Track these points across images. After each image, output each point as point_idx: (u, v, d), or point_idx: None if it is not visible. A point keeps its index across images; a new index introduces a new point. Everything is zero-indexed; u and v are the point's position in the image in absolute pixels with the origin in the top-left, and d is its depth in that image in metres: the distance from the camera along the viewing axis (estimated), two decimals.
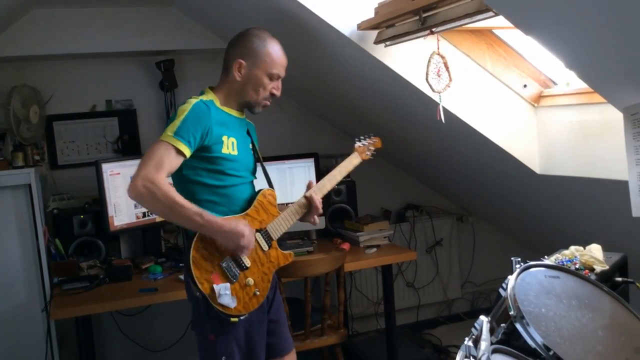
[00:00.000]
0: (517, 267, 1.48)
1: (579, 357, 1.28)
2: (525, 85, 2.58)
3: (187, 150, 1.91)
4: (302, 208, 2.19)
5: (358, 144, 2.43)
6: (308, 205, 2.19)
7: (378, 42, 2.34)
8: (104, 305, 2.60)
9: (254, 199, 2.09)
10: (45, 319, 2.81)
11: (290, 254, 2.17)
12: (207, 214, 1.89)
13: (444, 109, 2.36)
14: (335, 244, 3.22)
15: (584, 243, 1.88)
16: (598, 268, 1.75)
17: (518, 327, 1.29)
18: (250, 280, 2.00)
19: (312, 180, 2.27)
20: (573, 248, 1.87)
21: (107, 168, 2.95)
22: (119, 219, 3.00)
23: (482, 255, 4.12)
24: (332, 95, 3.35)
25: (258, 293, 2.03)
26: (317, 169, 3.36)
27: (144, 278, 2.84)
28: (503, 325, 1.35)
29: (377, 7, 2.28)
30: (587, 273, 1.68)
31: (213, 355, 1.99)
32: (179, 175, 2.00)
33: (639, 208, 1.85)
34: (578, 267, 1.75)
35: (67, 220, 2.98)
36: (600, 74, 1.84)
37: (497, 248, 4.06)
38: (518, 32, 1.89)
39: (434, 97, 2.33)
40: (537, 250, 3.43)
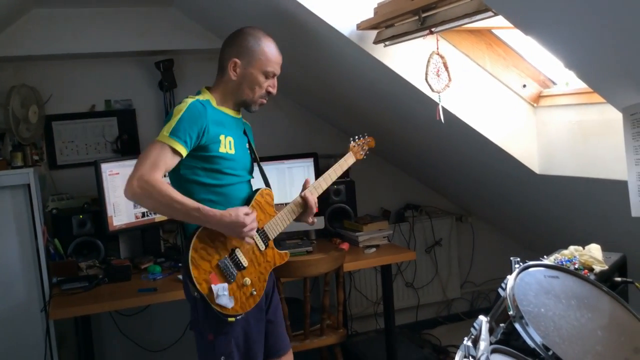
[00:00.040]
0: (516, 267, 1.48)
1: (578, 357, 1.28)
2: (525, 85, 2.58)
3: (183, 150, 1.91)
4: (298, 207, 2.20)
5: (352, 144, 2.45)
6: (304, 205, 2.19)
7: (377, 42, 2.34)
8: (103, 305, 2.60)
9: (252, 198, 2.10)
10: (44, 319, 2.81)
11: (286, 254, 2.18)
12: (205, 209, 1.89)
13: (444, 109, 2.37)
14: (335, 244, 3.22)
15: (583, 243, 1.88)
16: (597, 268, 1.75)
17: (517, 327, 1.29)
18: (248, 280, 2.01)
19: (309, 179, 2.28)
20: (572, 248, 1.87)
21: (106, 168, 2.95)
22: (118, 219, 3.00)
23: (481, 255, 4.12)
24: (331, 95, 3.35)
25: (255, 293, 2.03)
26: (316, 169, 3.35)
27: (143, 278, 2.85)
28: (502, 325, 1.35)
29: (376, 7, 2.28)
30: (586, 273, 1.68)
31: (212, 356, 1.99)
32: (177, 175, 2.00)
33: (638, 208, 1.85)
34: (577, 267, 1.75)
35: (66, 220, 2.98)
36: (600, 74, 1.84)
37: (496, 248, 4.06)
38: (517, 32, 1.88)
39: (434, 97, 2.33)
40: (536, 250, 3.44)
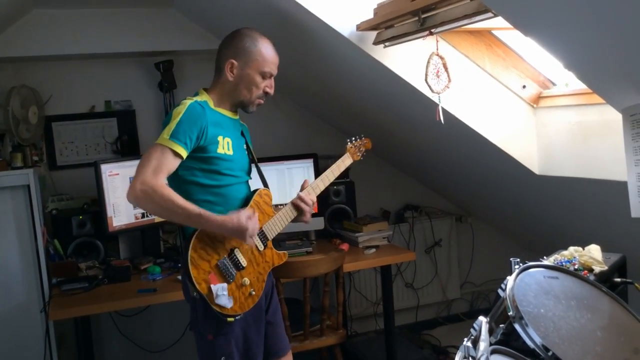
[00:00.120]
0: (516, 267, 1.48)
1: (578, 357, 1.28)
2: (524, 86, 2.58)
3: (183, 152, 1.91)
4: (295, 209, 2.20)
5: (349, 145, 2.46)
6: (297, 209, 2.19)
7: (377, 42, 2.34)
8: (103, 306, 2.60)
9: (250, 199, 2.10)
10: (44, 320, 2.81)
11: (285, 254, 2.18)
12: (207, 214, 1.90)
13: (443, 110, 2.37)
14: (334, 245, 3.22)
15: (583, 244, 1.88)
16: (597, 269, 1.74)
17: (517, 327, 1.29)
18: (247, 280, 2.01)
19: (307, 179, 2.29)
20: (572, 249, 1.87)
21: (106, 169, 2.95)
22: (118, 220, 3.00)
23: (481, 256, 4.12)
24: (331, 96, 3.35)
25: (254, 293, 2.03)
26: (316, 170, 3.35)
27: (143, 279, 2.85)
28: (502, 326, 1.35)
29: (376, 7, 2.28)
30: (586, 274, 1.67)
31: (212, 356, 1.99)
32: (175, 176, 1.99)
33: (638, 209, 1.85)
34: (577, 267, 1.74)
35: (66, 221, 2.98)
36: (599, 75, 1.84)
37: (496, 248, 4.06)
38: (517, 33, 1.89)
39: (433, 97, 2.33)
40: (536, 251, 3.44)
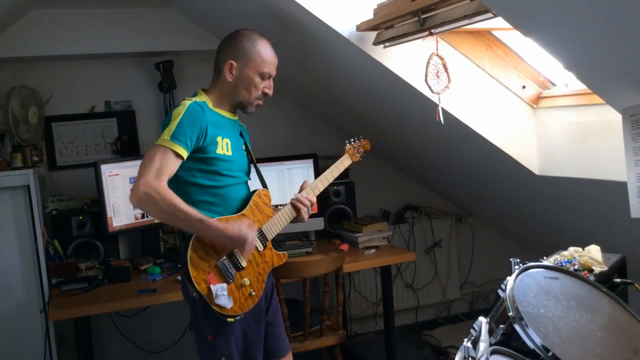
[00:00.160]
0: (516, 268, 1.48)
1: (578, 358, 1.28)
2: (524, 87, 2.58)
3: (184, 153, 1.91)
4: (294, 210, 2.20)
5: (348, 146, 2.46)
6: (296, 210, 2.20)
7: (377, 43, 2.34)
8: (103, 307, 2.60)
9: (250, 199, 2.10)
10: (44, 320, 2.81)
11: (284, 255, 2.18)
12: (208, 220, 1.89)
13: (443, 110, 2.36)
14: (334, 245, 3.22)
15: (583, 244, 1.88)
16: (597, 269, 1.74)
17: (517, 328, 1.29)
18: (246, 281, 2.01)
19: (307, 180, 2.30)
20: (572, 249, 1.86)
21: (105, 169, 2.95)
22: (118, 220, 3.00)
23: (481, 256, 4.12)
24: (331, 96, 3.35)
25: (254, 293, 2.03)
26: (316, 170, 3.35)
27: (143, 279, 2.84)
28: (502, 326, 1.34)
29: (376, 8, 2.28)
30: (585, 274, 1.67)
31: (212, 357, 1.99)
32: (174, 177, 1.98)
33: (638, 209, 1.85)
34: (577, 268, 1.74)
35: (65, 221, 2.98)
36: (599, 75, 1.84)
37: (496, 249, 4.06)
38: (517, 33, 1.89)
39: (433, 98, 2.33)
40: (536, 251, 3.43)
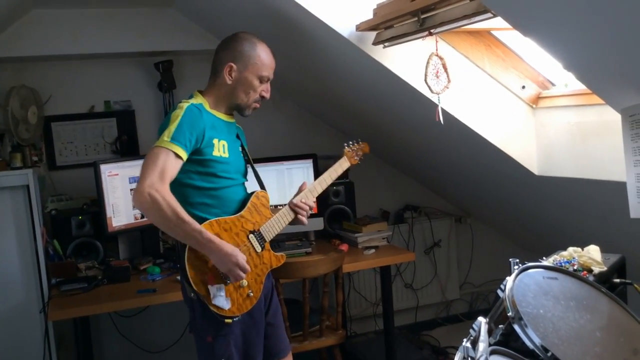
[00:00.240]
0: (515, 268, 1.48)
1: (577, 358, 1.28)
2: (524, 87, 2.58)
3: (184, 154, 1.91)
4: (292, 212, 2.20)
5: (347, 149, 2.45)
6: (294, 213, 2.19)
7: (377, 43, 2.34)
8: (102, 307, 2.60)
9: (247, 201, 2.10)
10: (43, 320, 2.81)
11: (283, 256, 2.18)
12: (206, 233, 1.88)
13: (443, 110, 2.37)
14: (334, 245, 3.22)
15: (582, 244, 1.88)
16: (596, 269, 1.74)
17: (516, 328, 1.29)
18: (244, 282, 2.00)
19: (305, 182, 2.29)
20: (571, 249, 1.87)
21: (105, 169, 2.94)
22: (117, 220, 3.00)
23: (480, 257, 4.12)
24: (330, 96, 3.35)
25: (252, 294, 2.03)
26: (315, 170, 3.35)
27: (142, 279, 2.85)
28: (501, 327, 1.34)
29: (375, 8, 2.28)
30: (585, 274, 1.67)
31: (212, 357, 1.99)
32: None
33: (637, 209, 1.85)
34: (576, 268, 1.74)
35: (65, 221, 2.98)
36: (599, 76, 1.84)
37: (495, 249, 4.06)
38: (516, 33, 1.89)
39: (433, 98, 2.33)
40: (535, 252, 3.43)
